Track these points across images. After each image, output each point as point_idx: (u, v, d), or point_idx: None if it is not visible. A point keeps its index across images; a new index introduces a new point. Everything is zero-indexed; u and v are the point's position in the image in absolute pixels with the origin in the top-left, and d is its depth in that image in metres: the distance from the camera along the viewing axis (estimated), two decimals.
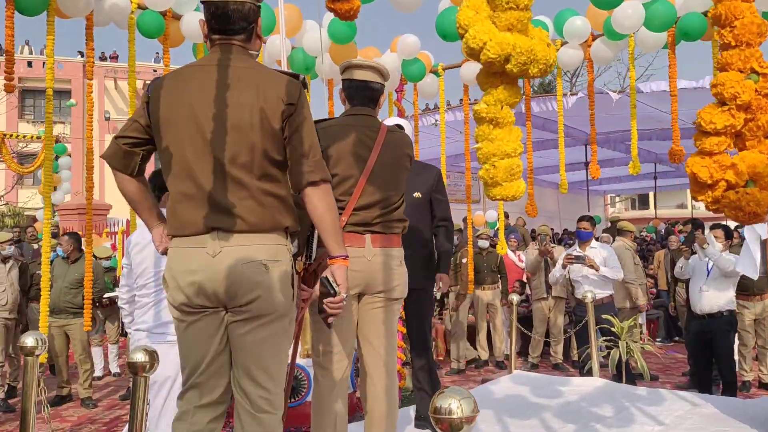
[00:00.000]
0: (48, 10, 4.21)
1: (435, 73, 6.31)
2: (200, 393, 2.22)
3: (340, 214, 2.91)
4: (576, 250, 6.42)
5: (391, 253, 3.03)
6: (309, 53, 5.48)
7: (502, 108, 2.71)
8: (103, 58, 32.06)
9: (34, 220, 12.85)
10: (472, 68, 5.96)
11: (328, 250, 2.36)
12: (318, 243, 2.97)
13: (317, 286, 2.93)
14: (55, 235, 9.80)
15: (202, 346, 2.19)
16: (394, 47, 5.95)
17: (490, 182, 2.72)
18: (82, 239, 7.00)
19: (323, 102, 5.71)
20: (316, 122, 3.16)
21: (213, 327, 2.20)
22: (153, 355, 2.25)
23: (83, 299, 4.93)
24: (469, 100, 6.45)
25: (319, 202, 2.26)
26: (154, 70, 30.55)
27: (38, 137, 11.57)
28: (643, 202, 36.36)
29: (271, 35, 5.33)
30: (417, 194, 4.09)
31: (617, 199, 32.52)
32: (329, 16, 5.38)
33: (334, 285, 2.35)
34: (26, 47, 32.24)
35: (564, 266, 6.31)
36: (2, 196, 22.16)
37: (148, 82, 2.36)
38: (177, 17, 4.85)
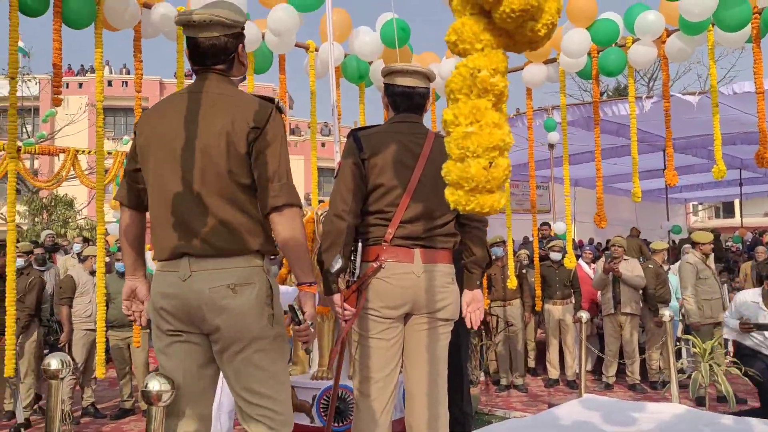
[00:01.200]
0: (95, 23, 4.19)
1: None
2: (177, 418, 2.21)
3: (386, 226, 2.72)
4: (759, 304, 5.42)
5: (441, 269, 2.78)
6: (362, 59, 5.30)
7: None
8: (189, 76, 33.15)
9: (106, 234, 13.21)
10: (536, 71, 5.64)
11: (295, 276, 2.31)
12: (361, 258, 2.76)
13: (361, 302, 2.76)
14: None
15: (179, 369, 2.20)
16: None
17: (483, 186, 1.69)
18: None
19: (379, 110, 5.57)
20: (359, 130, 2.96)
21: (191, 350, 2.22)
22: (169, 384, 2.08)
23: None
24: (533, 105, 6.12)
25: (283, 228, 2.20)
26: None
27: (108, 153, 11.87)
28: (727, 210, 34.56)
29: (323, 43, 5.18)
30: None
31: (700, 207, 31.01)
32: (383, 18, 5.20)
33: (298, 313, 2.29)
34: (106, 66, 33.66)
35: (744, 331, 5.50)
36: (80, 210, 23.04)
37: None
38: None
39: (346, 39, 5.36)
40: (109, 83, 32.01)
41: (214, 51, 2.26)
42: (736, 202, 24.66)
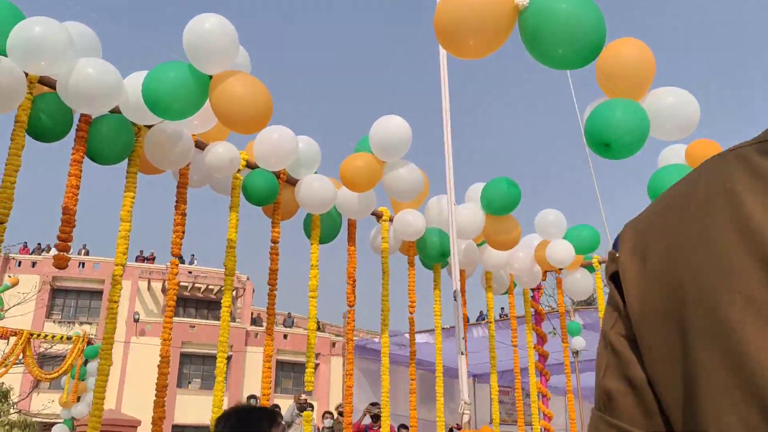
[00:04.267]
0: (130, 158, 3.00)
1: (588, 267, 4.97)
2: None
3: None
4: None
5: None
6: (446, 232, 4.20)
7: None
8: (139, 259, 31.64)
9: None
10: None
11: None
12: None
13: None
14: None
15: None
16: None
17: None
18: None
19: None
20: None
21: None
22: None
23: None
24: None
25: None
26: (189, 272, 29.91)
27: (68, 338, 10.26)
28: None
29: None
30: None
31: None
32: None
33: None
34: None
35: None
36: (16, 403, 20.12)
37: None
38: (292, 182, 3.63)
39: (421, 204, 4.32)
40: None
41: None
42: None
